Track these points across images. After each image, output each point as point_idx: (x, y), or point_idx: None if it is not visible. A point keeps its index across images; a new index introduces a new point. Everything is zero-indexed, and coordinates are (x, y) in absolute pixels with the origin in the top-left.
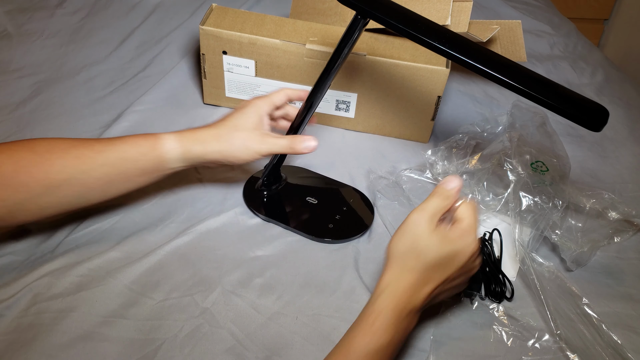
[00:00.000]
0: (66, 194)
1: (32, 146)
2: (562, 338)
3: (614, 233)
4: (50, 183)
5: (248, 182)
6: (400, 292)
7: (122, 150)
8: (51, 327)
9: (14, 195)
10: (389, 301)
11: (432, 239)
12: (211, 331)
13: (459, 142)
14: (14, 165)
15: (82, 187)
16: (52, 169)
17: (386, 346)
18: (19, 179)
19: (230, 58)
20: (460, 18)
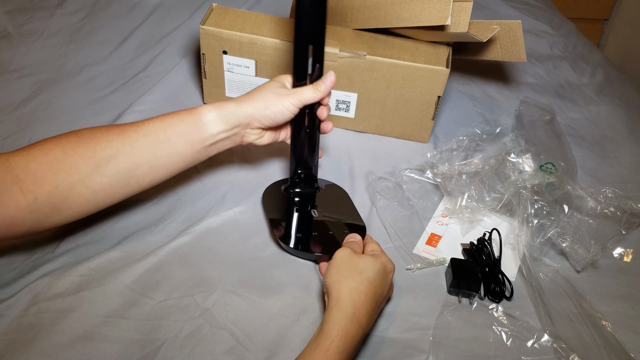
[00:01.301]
0: (115, 172)
1: (76, 132)
2: (562, 338)
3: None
4: (99, 160)
5: (272, 185)
6: (351, 316)
7: (162, 119)
8: (51, 327)
9: (66, 178)
10: (343, 325)
11: (366, 259)
12: (211, 332)
13: (459, 144)
14: (62, 149)
15: (130, 162)
16: (98, 146)
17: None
18: (68, 162)
19: (231, 58)
20: (460, 18)
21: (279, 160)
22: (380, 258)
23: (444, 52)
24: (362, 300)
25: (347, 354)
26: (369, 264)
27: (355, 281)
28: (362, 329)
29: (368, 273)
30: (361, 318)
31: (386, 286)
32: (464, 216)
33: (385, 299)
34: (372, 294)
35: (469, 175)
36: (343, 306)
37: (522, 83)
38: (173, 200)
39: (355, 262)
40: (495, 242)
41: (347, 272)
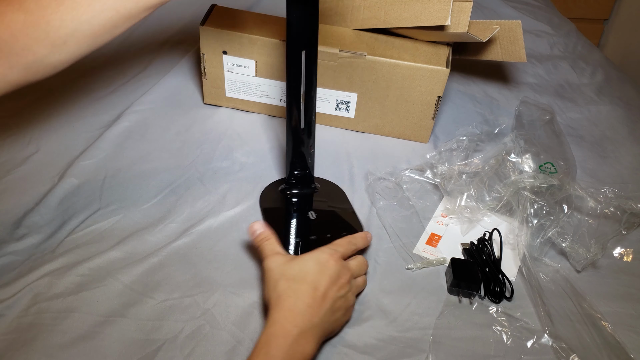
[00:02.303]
0: (75, 49)
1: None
2: (562, 338)
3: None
4: (54, 41)
5: (269, 186)
6: (282, 317)
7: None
8: (52, 327)
9: (20, 60)
10: (274, 329)
11: (296, 261)
12: (212, 332)
13: (459, 144)
14: (8, 31)
15: (88, 38)
16: (50, 27)
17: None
18: (18, 45)
19: (231, 58)
20: (460, 18)
21: (279, 160)
22: (313, 253)
23: (444, 52)
24: (292, 302)
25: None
26: (299, 265)
27: (281, 288)
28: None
29: (299, 274)
30: (295, 318)
31: (325, 275)
32: (463, 216)
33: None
34: (306, 291)
35: (469, 175)
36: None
37: (522, 83)
38: (173, 201)
39: (283, 269)
40: (495, 242)
41: (275, 281)
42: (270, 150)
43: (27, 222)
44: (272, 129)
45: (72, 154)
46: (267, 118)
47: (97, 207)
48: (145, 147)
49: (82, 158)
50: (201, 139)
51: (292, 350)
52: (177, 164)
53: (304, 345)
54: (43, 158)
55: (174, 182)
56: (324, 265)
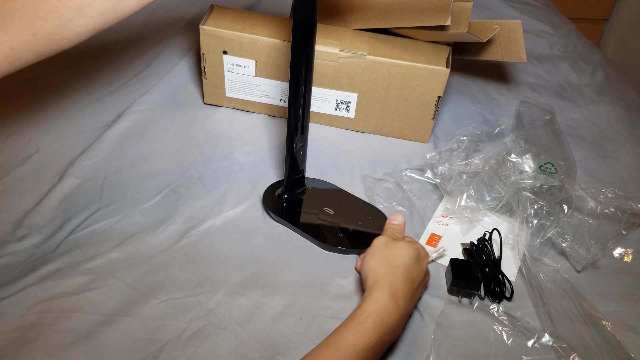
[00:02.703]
0: (101, 11)
1: None
2: (562, 338)
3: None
4: (81, 2)
5: (269, 188)
6: (389, 295)
7: None
8: (54, 326)
9: (45, 25)
10: (380, 302)
11: (401, 245)
12: (215, 332)
13: (459, 144)
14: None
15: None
16: None
17: (374, 345)
18: (44, 7)
19: (231, 58)
20: (460, 18)
21: (279, 160)
22: (415, 244)
23: (444, 52)
24: (398, 282)
25: (383, 330)
26: (405, 250)
27: (390, 266)
28: (399, 309)
29: (404, 258)
30: (398, 299)
31: (421, 272)
32: (463, 216)
33: (422, 284)
34: (408, 278)
35: (469, 175)
36: (381, 286)
37: (522, 83)
38: (173, 201)
39: (391, 248)
40: (495, 242)
41: (382, 258)
42: (270, 150)
43: (27, 222)
44: (272, 129)
45: (72, 154)
46: (267, 118)
47: (97, 207)
48: (146, 147)
49: (82, 158)
50: (201, 139)
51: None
52: (177, 164)
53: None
54: (43, 158)
55: (174, 182)
56: (422, 260)
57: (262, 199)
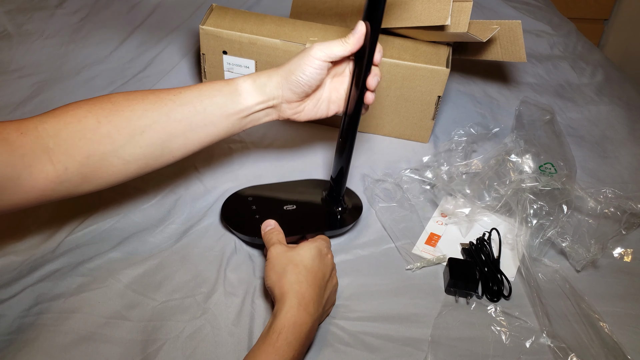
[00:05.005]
0: (149, 143)
1: (110, 98)
2: (560, 338)
3: (623, 228)
4: (133, 130)
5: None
6: (297, 304)
7: (199, 89)
8: (53, 327)
9: (98, 148)
10: (290, 316)
11: (299, 250)
12: (213, 332)
13: (456, 144)
14: (95, 117)
15: (165, 133)
16: (133, 115)
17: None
18: (101, 131)
19: (231, 58)
20: (460, 18)
21: (278, 160)
22: (313, 242)
23: (444, 52)
24: (304, 288)
25: (297, 344)
26: (304, 252)
27: (294, 274)
28: (310, 317)
29: (304, 262)
30: (308, 305)
31: (326, 268)
32: (463, 216)
33: (330, 280)
34: (313, 279)
35: (469, 175)
36: (287, 298)
37: (522, 83)
38: (172, 201)
39: (288, 256)
40: (494, 241)
41: (282, 268)
42: (270, 150)
43: (27, 222)
44: (271, 128)
45: None
46: None
47: (96, 206)
48: None
49: None
50: None
51: (307, 337)
52: (177, 164)
53: (311, 335)
54: None
55: (174, 181)
56: (324, 256)
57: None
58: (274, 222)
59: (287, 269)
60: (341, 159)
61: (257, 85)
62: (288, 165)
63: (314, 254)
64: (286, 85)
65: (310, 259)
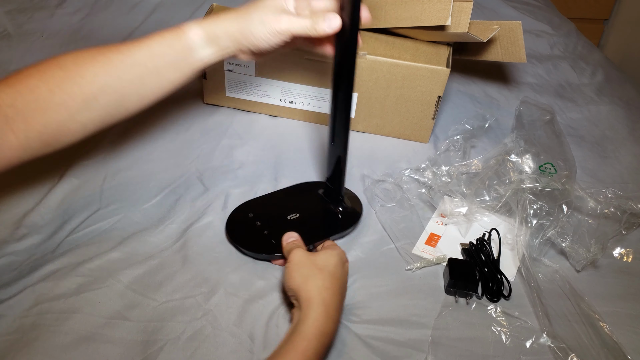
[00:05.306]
0: (104, 105)
1: (58, 63)
2: (560, 338)
3: (623, 228)
4: (87, 97)
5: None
6: (325, 314)
7: (149, 47)
8: (54, 328)
9: (54, 117)
10: (318, 325)
11: (322, 255)
12: (214, 333)
13: (454, 143)
14: (47, 86)
15: (118, 95)
16: (84, 81)
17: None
18: (55, 100)
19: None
20: (460, 18)
21: (279, 159)
22: (335, 250)
23: (444, 52)
24: (330, 296)
25: (323, 351)
26: (327, 258)
27: (319, 278)
28: (334, 325)
29: (329, 267)
30: (333, 314)
31: (345, 274)
32: (463, 216)
33: (346, 284)
34: (338, 288)
35: (469, 175)
36: (315, 305)
37: (522, 83)
38: (173, 200)
39: (312, 260)
40: (494, 242)
41: (308, 271)
42: (270, 150)
43: (27, 222)
44: (272, 128)
45: (71, 153)
46: (267, 118)
47: (97, 207)
48: (146, 147)
49: (82, 158)
50: (201, 138)
51: (327, 348)
52: (177, 164)
53: (334, 338)
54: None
55: (174, 181)
56: (344, 264)
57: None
58: (296, 235)
59: (313, 273)
60: (336, 149)
61: (210, 38)
62: (288, 164)
63: (337, 261)
64: (243, 42)
65: (333, 265)
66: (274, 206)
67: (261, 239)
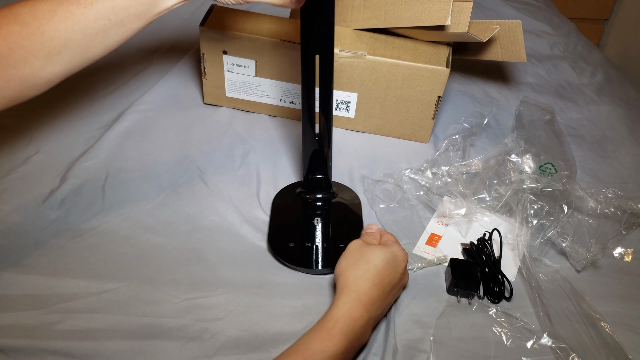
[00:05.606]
0: (68, 59)
1: (15, 17)
2: (561, 338)
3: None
4: (49, 52)
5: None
6: (357, 299)
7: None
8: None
9: (17, 73)
10: (347, 308)
11: (375, 249)
12: (235, 334)
13: (453, 143)
14: (5, 43)
15: (81, 48)
16: (44, 37)
17: (343, 352)
18: (15, 57)
19: (231, 58)
20: (460, 18)
21: (279, 159)
22: (391, 247)
23: (444, 52)
24: (367, 286)
25: (352, 336)
26: (378, 252)
27: (361, 269)
28: (367, 313)
29: (375, 261)
30: (367, 303)
31: (396, 274)
32: (463, 216)
33: (398, 286)
34: (379, 281)
35: (469, 175)
36: (348, 291)
37: (522, 83)
38: (176, 200)
39: (364, 251)
40: (495, 242)
41: (354, 260)
42: (270, 150)
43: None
44: (272, 128)
45: (72, 154)
46: (267, 118)
47: (100, 207)
48: (146, 147)
49: (83, 159)
50: (202, 138)
51: (362, 332)
52: (178, 164)
53: (366, 332)
54: (43, 159)
55: (175, 182)
56: (398, 263)
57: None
58: (376, 227)
59: (359, 263)
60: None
61: None
62: (288, 164)
63: (388, 257)
64: None
65: (383, 260)
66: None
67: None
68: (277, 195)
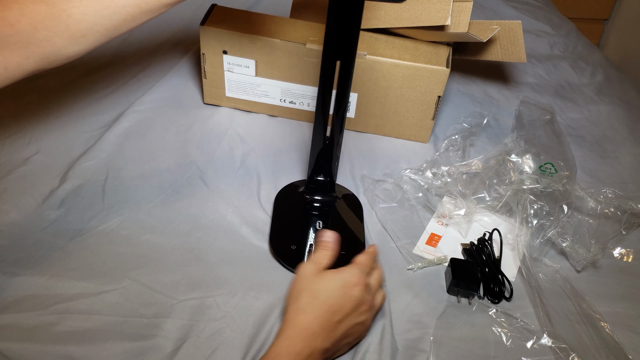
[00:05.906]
0: (93, 41)
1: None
2: (561, 338)
3: (623, 228)
4: (73, 34)
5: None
6: (296, 334)
7: None
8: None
9: (38, 50)
10: (286, 344)
11: (321, 277)
12: (232, 336)
13: (452, 143)
14: (29, 21)
15: (108, 31)
16: (71, 20)
17: None
18: (38, 36)
19: (231, 58)
20: (460, 18)
21: (279, 159)
22: (342, 273)
23: (444, 52)
24: (308, 319)
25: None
26: (325, 282)
27: (302, 302)
28: (308, 347)
29: (323, 293)
30: (307, 337)
31: (348, 302)
32: (463, 216)
33: (357, 312)
34: (323, 312)
35: (469, 175)
36: (287, 326)
37: (522, 83)
38: (176, 200)
39: (310, 281)
40: (495, 242)
41: (297, 293)
42: (270, 150)
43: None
44: (272, 128)
45: (72, 154)
46: (267, 118)
47: (100, 208)
48: (146, 147)
49: (83, 159)
50: (202, 138)
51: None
52: (178, 164)
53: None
54: (43, 159)
55: (175, 181)
56: (349, 290)
57: (275, 200)
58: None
59: (302, 295)
60: None
61: None
62: (288, 164)
63: (336, 286)
64: None
65: (329, 290)
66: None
67: None
68: (279, 194)
